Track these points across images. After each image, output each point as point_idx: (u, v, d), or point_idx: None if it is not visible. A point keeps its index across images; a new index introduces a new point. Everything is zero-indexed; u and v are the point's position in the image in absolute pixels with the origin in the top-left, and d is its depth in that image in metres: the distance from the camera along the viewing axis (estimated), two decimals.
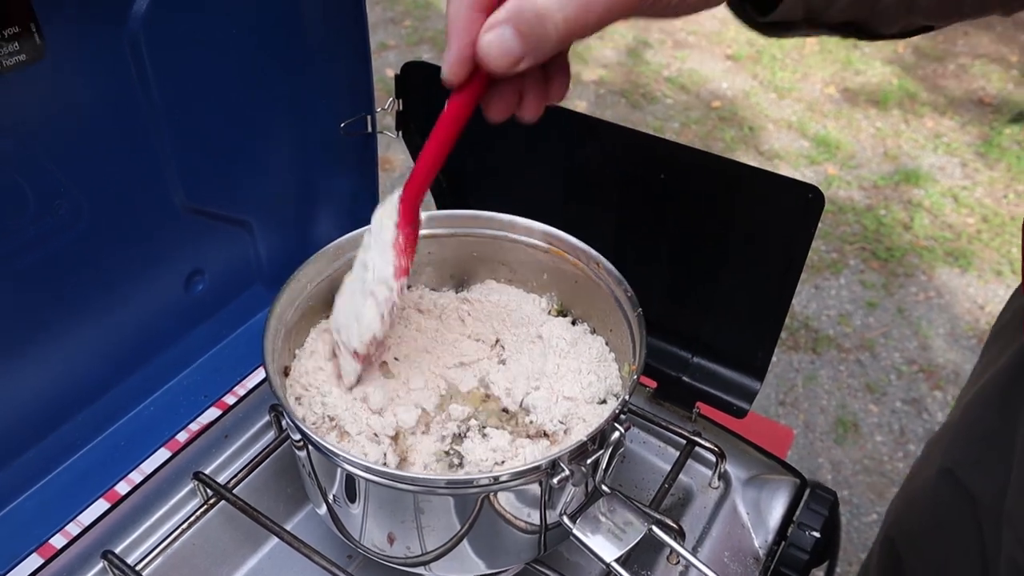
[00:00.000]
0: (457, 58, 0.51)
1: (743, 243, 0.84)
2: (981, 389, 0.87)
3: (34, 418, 0.85)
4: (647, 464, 0.91)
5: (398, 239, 0.67)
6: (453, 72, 0.52)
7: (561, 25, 0.45)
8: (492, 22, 0.47)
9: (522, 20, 0.46)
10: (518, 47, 0.47)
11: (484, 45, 0.48)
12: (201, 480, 0.81)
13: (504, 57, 0.47)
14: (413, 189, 0.66)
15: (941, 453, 0.92)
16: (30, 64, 0.70)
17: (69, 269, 0.81)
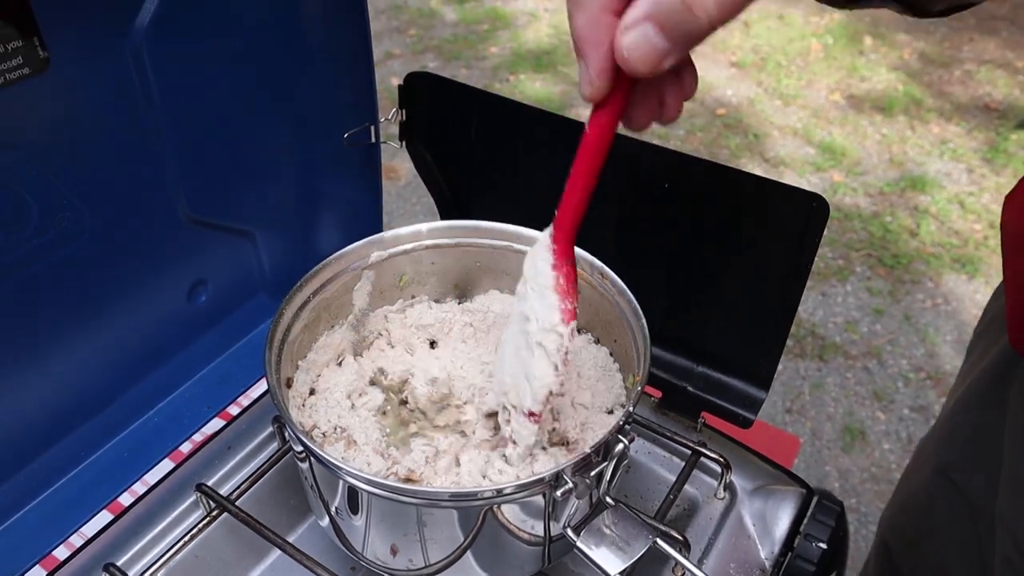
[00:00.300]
0: (599, 70, 0.47)
1: (748, 252, 0.84)
2: (968, 389, 0.87)
3: (38, 430, 0.85)
4: (652, 474, 0.91)
5: (559, 281, 0.62)
6: (596, 87, 0.48)
7: (714, 12, 0.42)
8: (629, 21, 0.43)
9: (666, 13, 0.42)
10: (663, 43, 0.43)
11: (627, 47, 0.44)
12: (204, 492, 0.81)
13: (652, 56, 0.44)
14: (566, 226, 0.61)
15: (933, 454, 0.91)
16: (34, 76, 0.70)
17: (72, 280, 0.81)
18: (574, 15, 0.46)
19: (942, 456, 0.89)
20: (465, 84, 0.95)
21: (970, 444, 0.84)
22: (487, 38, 4.59)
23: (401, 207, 3.29)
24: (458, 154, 1.00)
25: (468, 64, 4.33)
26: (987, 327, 0.92)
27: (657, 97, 0.52)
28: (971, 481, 0.82)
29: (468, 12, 4.89)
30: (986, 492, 0.78)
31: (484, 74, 4.23)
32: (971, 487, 0.82)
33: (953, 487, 0.85)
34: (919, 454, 0.98)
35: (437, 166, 1.02)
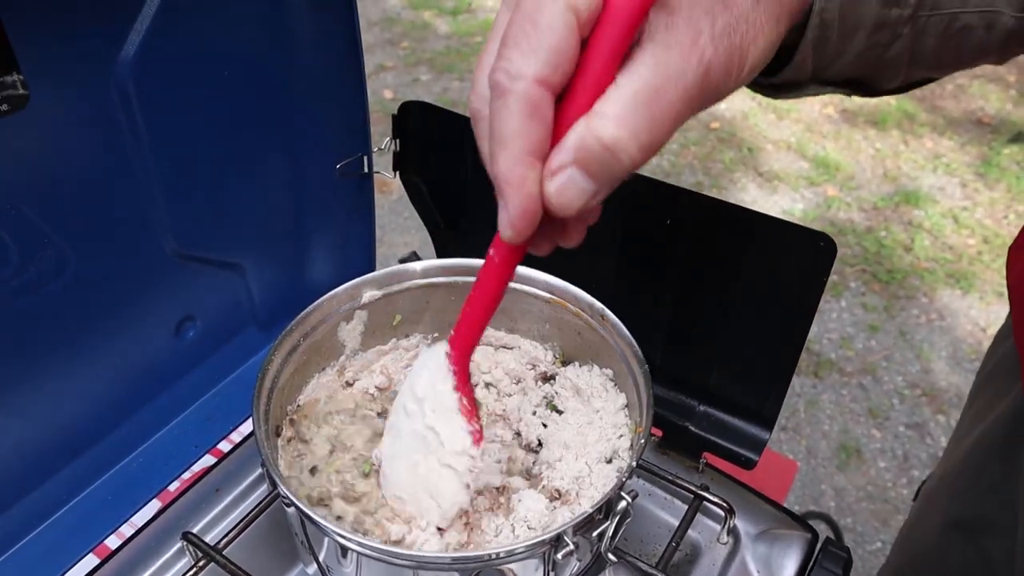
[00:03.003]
0: (520, 212, 0.45)
1: (751, 290, 0.82)
2: (981, 438, 0.85)
3: (19, 473, 0.82)
4: (653, 518, 0.88)
5: (462, 403, 0.62)
6: (518, 231, 0.46)
7: (636, 155, 0.42)
8: (555, 166, 0.43)
9: (591, 158, 0.42)
10: (591, 186, 0.43)
11: (555, 193, 0.43)
12: (190, 541, 0.78)
13: (578, 199, 0.44)
14: (465, 347, 0.60)
15: (943, 505, 0.89)
16: (12, 113, 0.67)
17: (53, 319, 0.78)
18: (496, 156, 0.45)
19: (954, 508, 0.87)
20: (460, 114, 0.92)
21: (984, 498, 0.82)
22: (480, 50, 4.58)
23: (393, 221, 3.27)
24: (453, 185, 0.98)
25: (461, 77, 4.31)
26: (992, 374, 0.90)
27: (559, 226, 0.52)
28: (987, 537, 0.80)
29: (461, 24, 4.88)
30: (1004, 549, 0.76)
31: None
32: (988, 543, 0.80)
33: (967, 542, 0.83)
34: (926, 502, 0.96)
35: (432, 197, 1.00)
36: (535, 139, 0.43)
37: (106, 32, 0.72)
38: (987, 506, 0.81)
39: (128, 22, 0.73)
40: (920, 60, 0.59)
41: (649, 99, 0.41)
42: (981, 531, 0.81)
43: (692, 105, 0.43)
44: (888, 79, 0.61)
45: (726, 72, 0.44)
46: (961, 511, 0.86)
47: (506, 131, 0.43)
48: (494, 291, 0.54)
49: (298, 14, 0.86)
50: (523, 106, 0.43)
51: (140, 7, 0.73)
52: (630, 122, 0.41)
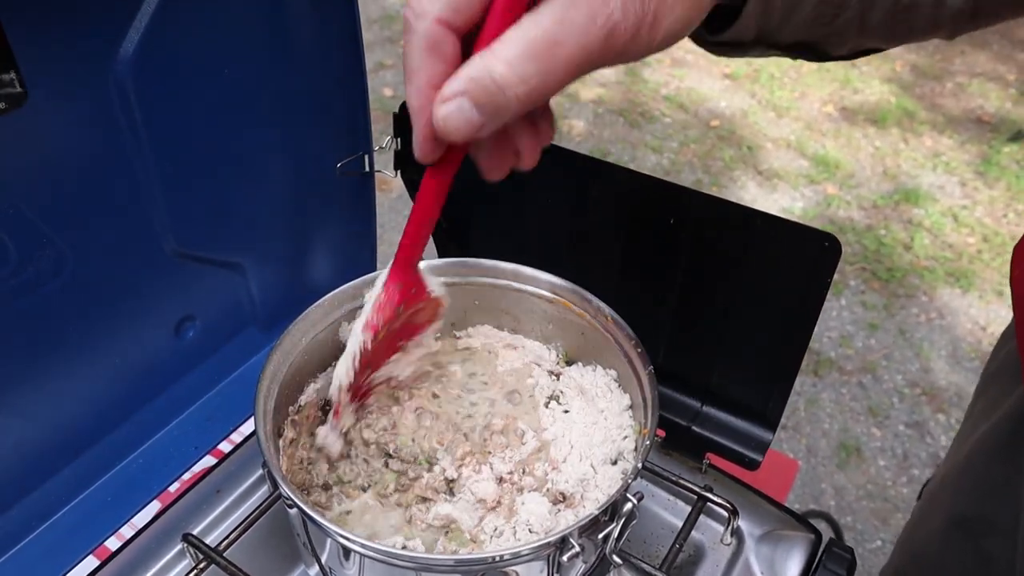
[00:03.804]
0: (423, 136, 0.51)
1: (755, 291, 0.81)
2: (984, 438, 0.84)
3: (17, 473, 0.82)
4: (656, 519, 0.88)
5: (380, 296, 0.70)
6: (423, 152, 0.53)
7: (523, 96, 0.45)
8: (447, 94, 0.46)
9: (480, 90, 0.45)
10: (477, 116, 0.46)
11: (441, 118, 0.46)
12: (191, 543, 0.77)
13: (464, 127, 0.46)
14: (402, 253, 0.67)
15: (946, 507, 0.89)
16: (10, 111, 0.67)
17: (52, 319, 0.78)
18: (406, 86, 0.49)
19: (956, 509, 0.86)
20: None
21: (987, 499, 0.82)
22: None
23: (393, 219, 3.26)
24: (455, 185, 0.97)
25: None
26: (997, 372, 0.89)
27: (511, 148, 0.55)
28: (989, 538, 0.80)
29: None
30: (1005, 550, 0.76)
31: None
32: (989, 545, 0.80)
33: (968, 543, 0.82)
34: (929, 502, 0.96)
35: None
36: (434, 73, 0.48)
37: (105, 30, 0.71)
38: (989, 507, 0.81)
39: (127, 20, 0.72)
40: (869, 31, 0.59)
41: (544, 49, 0.44)
42: (983, 532, 0.81)
43: (592, 61, 0.45)
44: (836, 46, 0.62)
45: (633, 36, 0.45)
46: (963, 512, 0.85)
47: (411, 64, 0.48)
48: (425, 210, 0.62)
49: (298, 12, 0.85)
50: (424, 43, 0.47)
51: (139, 5, 0.72)
52: (519, 66, 0.44)
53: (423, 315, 0.76)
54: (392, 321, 0.72)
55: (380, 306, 0.70)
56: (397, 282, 0.70)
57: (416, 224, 0.64)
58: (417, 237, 0.66)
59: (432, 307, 0.76)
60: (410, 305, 0.72)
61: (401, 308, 0.71)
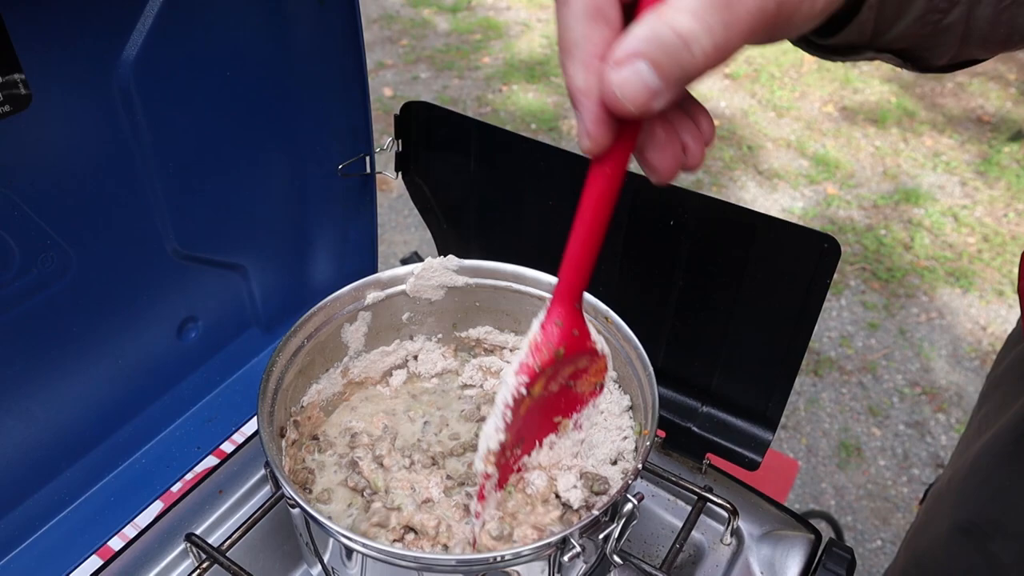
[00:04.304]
0: (595, 119, 0.44)
1: (756, 292, 0.81)
2: (990, 442, 0.84)
3: (21, 475, 0.82)
4: (656, 519, 0.88)
5: (536, 335, 0.60)
6: (594, 139, 0.45)
7: (709, 50, 0.40)
8: (621, 56, 0.40)
9: (660, 49, 0.40)
10: (656, 81, 0.40)
11: (618, 84, 0.41)
12: (194, 542, 0.78)
13: (643, 95, 0.41)
14: (565, 283, 0.57)
15: (951, 510, 0.89)
16: (15, 114, 0.67)
17: (55, 321, 0.78)
18: (566, 64, 0.44)
19: (962, 512, 0.86)
20: (463, 114, 0.92)
21: (993, 502, 0.82)
22: (480, 48, 4.57)
23: (393, 219, 3.27)
24: (456, 185, 0.98)
25: (461, 74, 4.30)
26: (1003, 375, 0.89)
27: (678, 141, 0.49)
28: (996, 541, 0.80)
29: (460, 22, 4.87)
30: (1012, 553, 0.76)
31: (477, 84, 4.21)
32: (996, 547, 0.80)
33: (975, 545, 0.82)
34: (935, 505, 0.96)
35: (435, 198, 1.00)
36: (600, 41, 0.42)
37: (108, 33, 0.71)
38: (996, 510, 0.81)
39: (130, 23, 0.73)
40: (973, 34, 0.57)
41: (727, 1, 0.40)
42: (990, 535, 0.81)
43: (765, 21, 0.41)
44: (939, 53, 0.60)
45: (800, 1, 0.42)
46: (969, 515, 0.85)
47: (572, 37, 0.43)
48: (595, 221, 0.51)
49: (300, 15, 0.86)
50: (586, 9, 0.42)
51: (142, 8, 0.73)
52: (706, 16, 0.39)
53: (585, 382, 0.66)
54: (550, 368, 0.60)
55: (536, 346, 0.59)
56: (557, 318, 0.58)
57: (581, 241, 0.52)
58: (583, 258, 0.54)
59: (596, 369, 0.66)
60: (571, 351, 0.61)
61: (561, 351, 0.60)
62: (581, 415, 0.69)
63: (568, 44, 0.43)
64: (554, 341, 0.59)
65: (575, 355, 0.62)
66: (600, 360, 0.65)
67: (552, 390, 0.64)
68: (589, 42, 0.42)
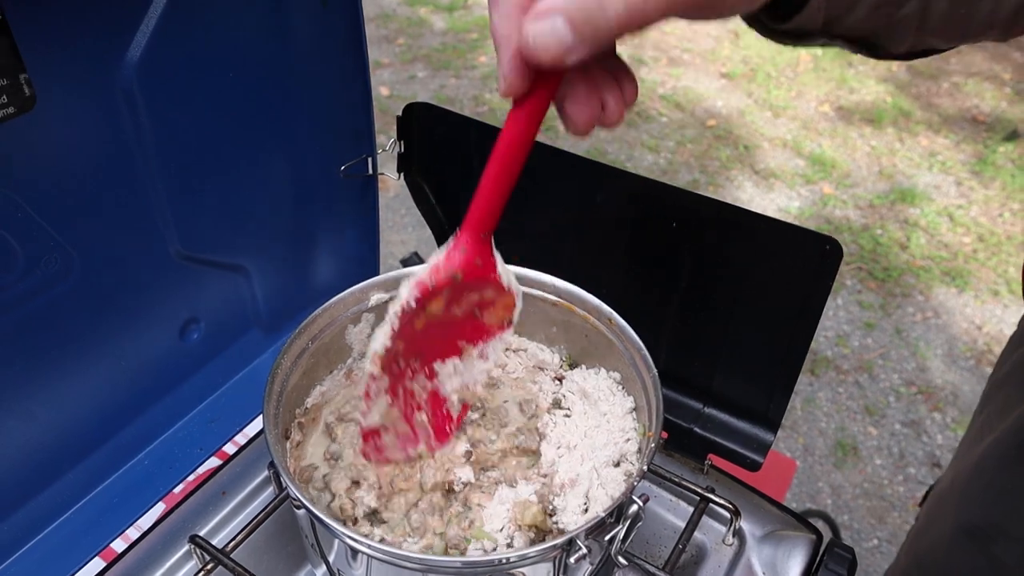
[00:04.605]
0: (511, 65, 0.47)
1: (757, 293, 0.82)
2: (995, 444, 0.85)
3: (24, 476, 0.82)
4: (659, 519, 0.88)
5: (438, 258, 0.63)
6: (509, 81, 0.48)
7: (623, 13, 0.42)
8: (541, 10, 0.43)
9: (577, 7, 0.42)
10: (570, 36, 0.43)
11: (532, 35, 0.43)
12: (198, 544, 0.78)
13: (555, 48, 0.43)
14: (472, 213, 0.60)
15: (953, 512, 0.89)
16: (19, 115, 0.67)
17: (58, 323, 0.78)
18: (492, 12, 0.47)
19: (965, 515, 0.87)
20: (464, 115, 0.92)
21: (996, 505, 0.82)
22: (476, 47, 4.57)
23: (390, 218, 3.26)
24: (458, 187, 0.98)
25: (458, 73, 4.30)
26: (1006, 378, 0.90)
27: (598, 98, 0.52)
28: (999, 544, 0.80)
29: (457, 21, 4.87)
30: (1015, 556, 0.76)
31: (473, 83, 4.21)
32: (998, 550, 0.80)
33: (978, 548, 0.83)
34: (937, 507, 0.96)
35: (436, 199, 1.00)
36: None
37: (112, 35, 0.71)
38: (999, 513, 0.81)
39: (133, 24, 0.73)
40: (929, 25, 0.58)
41: None
42: (993, 538, 0.81)
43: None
44: (896, 42, 0.61)
45: None
46: (972, 517, 0.86)
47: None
48: (505, 163, 0.53)
49: (302, 17, 0.86)
50: None
51: (145, 10, 0.73)
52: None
53: (492, 314, 0.69)
54: (445, 289, 0.63)
55: (435, 267, 0.62)
56: (461, 246, 0.61)
57: (493, 180, 0.55)
58: (493, 196, 0.56)
59: (503, 304, 0.69)
60: (471, 278, 0.64)
61: (459, 276, 0.63)
62: (487, 345, 0.72)
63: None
64: (454, 265, 0.62)
65: (476, 283, 0.65)
66: (507, 296, 0.68)
67: (455, 314, 0.67)
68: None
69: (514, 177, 0.55)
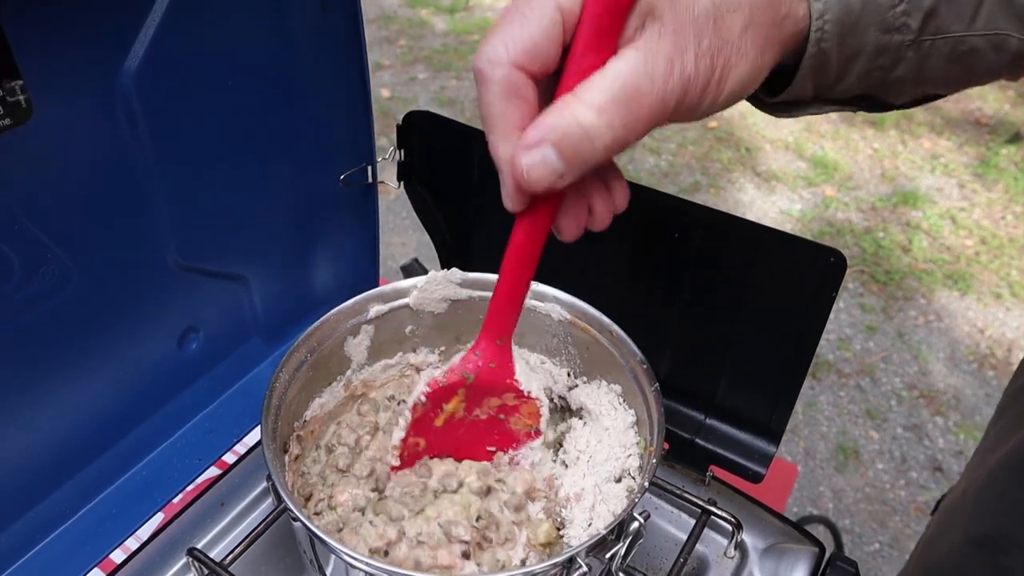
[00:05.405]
0: (514, 186, 0.49)
1: (760, 305, 0.81)
2: (1008, 456, 0.84)
3: (22, 486, 0.82)
4: (660, 531, 0.88)
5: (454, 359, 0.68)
6: (515, 202, 0.51)
7: (609, 144, 0.45)
8: (530, 141, 0.45)
9: (565, 138, 0.45)
10: (560, 165, 0.45)
11: (527, 166, 0.46)
12: (196, 557, 0.77)
13: (548, 177, 0.46)
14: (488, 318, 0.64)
15: (965, 523, 0.88)
16: (16, 126, 0.66)
17: (56, 333, 0.77)
18: (489, 137, 0.49)
19: (976, 525, 0.86)
20: (466, 124, 0.92)
21: (1008, 516, 0.81)
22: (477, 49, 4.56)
23: (391, 222, 3.26)
24: (459, 195, 0.97)
25: (459, 75, 4.30)
26: (1021, 390, 0.89)
27: (586, 206, 0.55)
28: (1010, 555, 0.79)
29: (458, 22, 4.87)
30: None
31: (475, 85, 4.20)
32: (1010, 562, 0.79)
33: (988, 559, 0.82)
34: (947, 517, 0.95)
35: (437, 208, 0.99)
36: (518, 118, 0.47)
37: (110, 43, 0.71)
38: (1011, 525, 0.81)
39: (132, 33, 0.72)
40: (927, 80, 0.58)
41: (629, 97, 0.44)
42: (1003, 549, 0.81)
43: (665, 113, 0.46)
44: (895, 96, 0.61)
45: (703, 90, 0.47)
46: (984, 529, 0.85)
47: (491, 113, 0.47)
48: (518, 271, 0.56)
49: (302, 24, 0.85)
50: (503, 89, 0.46)
51: (144, 18, 0.72)
52: (609, 112, 0.44)
53: (517, 420, 0.73)
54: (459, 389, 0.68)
55: (452, 367, 0.67)
56: (477, 349, 0.66)
57: (505, 287, 0.58)
58: (506, 303, 0.60)
59: (528, 411, 0.72)
60: (483, 380, 0.68)
61: (471, 378, 0.67)
62: (519, 453, 0.75)
63: (490, 120, 0.48)
64: (466, 367, 0.67)
65: (492, 386, 0.69)
66: (530, 402, 0.71)
67: (479, 416, 0.71)
68: (508, 118, 0.47)
69: (525, 284, 0.58)
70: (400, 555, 0.68)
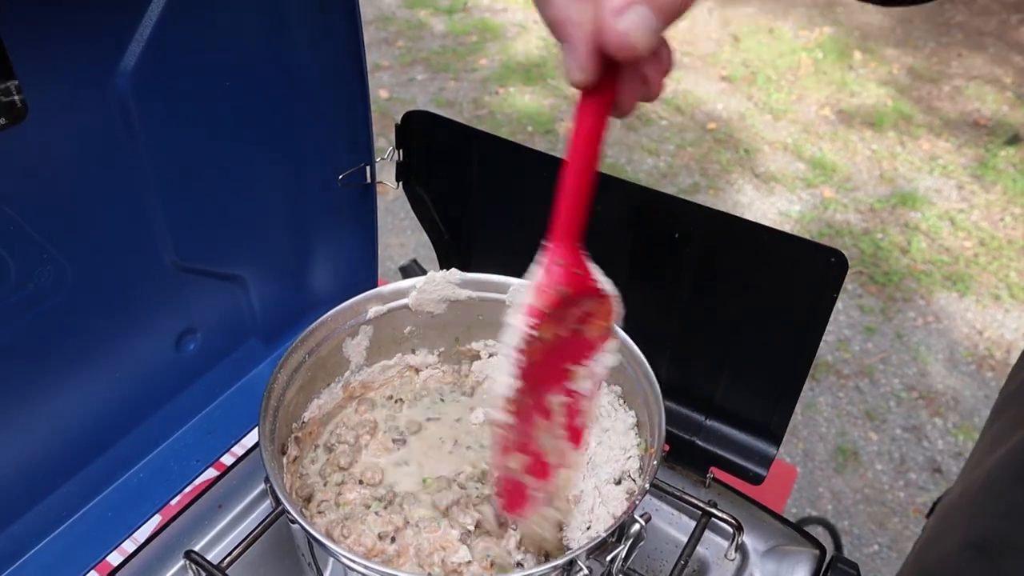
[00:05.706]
0: (588, 52, 0.45)
1: (760, 305, 0.81)
2: (1006, 459, 0.84)
3: (19, 488, 0.81)
4: (661, 533, 0.87)
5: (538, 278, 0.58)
6: (588, 72, 0.46)
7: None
8: (620, 4, 0.42)
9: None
10: (657, 23, 0.42)
11: (624, 30, 0.42)
12: (193, 560, 0.77)
13: (649, 38, 0.43)
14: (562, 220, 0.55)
15: (962, 525, 0.88)
16: (10, 127, 0.66)
17: (52, 335, 0.77)
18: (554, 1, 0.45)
19: (974, 528, 0.86)
20: (464, 124, 0.91)
21: (1006, 519, 0.81)
22: (476, 50, 4.56)
23: (389, 222, 3.25)
24: (457, 196, 0.97)
25: (457, 76, 4.29)
26: (1018, 393, 0.89)
27: (639, 76, 0.50)
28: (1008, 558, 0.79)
29: (457, 23, 4.86)
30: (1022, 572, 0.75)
31: (473, 86, 4.20)
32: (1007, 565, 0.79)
33: (986, 562, 0.82)
34: (944, 520, 0.95)
35: (435, 208, 0.99)
36: None
37: (106, 43, 0.70)
38: (1008, 527, 0.80)
39: (128, 33, 0.72)
40: None
41: None
42: (1001, 552, 0.80)
43: None
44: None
45: None
46: (981, 531, 0.85)
47: None
48: (587, 158, 0.51)
49: (300, 25, 0.85)
50: None
51: (140, 18, 0.72)
52: None
53: (594, 326, 0.64)
54: (558, 310, 0.58)
55: (540, 288, 0.57)
56: (558, 258, 0.57)
57: (574, 179, 0.52)
58: (576, 197, 0.53)
59: (603, 313, 0.63)
60: (577, 292, 0.59)
61: (567, 291, 0.58)
62: (593, 360, 0.66)
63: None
64: (559, 280, 0.57)
65: (580, 295, 0.60)
66: (607, 301, 0.63)
67: (562, 335, 0.62)
68: None
69: (594, 174, 0.52)
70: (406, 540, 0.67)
